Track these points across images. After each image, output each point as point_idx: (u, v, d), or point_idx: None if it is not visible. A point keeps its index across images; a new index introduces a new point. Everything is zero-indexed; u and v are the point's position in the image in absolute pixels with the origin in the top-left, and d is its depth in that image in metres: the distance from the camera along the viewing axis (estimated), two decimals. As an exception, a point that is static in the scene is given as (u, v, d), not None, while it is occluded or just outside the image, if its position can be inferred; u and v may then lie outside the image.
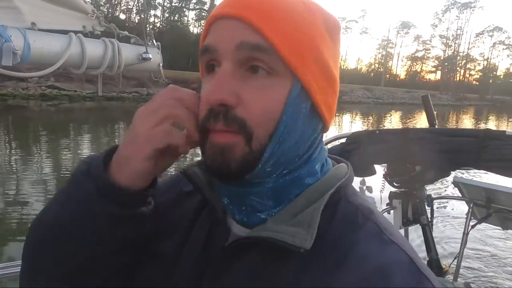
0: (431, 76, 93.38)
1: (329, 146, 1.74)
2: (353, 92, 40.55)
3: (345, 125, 20.63)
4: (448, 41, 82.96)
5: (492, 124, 30.07)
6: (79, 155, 8.69)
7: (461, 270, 2.20)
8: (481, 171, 1.50)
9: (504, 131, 1.33)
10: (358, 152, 1.61)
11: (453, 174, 2.13)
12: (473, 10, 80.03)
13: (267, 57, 0.46)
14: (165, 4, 49.28)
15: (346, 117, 25.66)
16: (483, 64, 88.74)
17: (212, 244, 0.53)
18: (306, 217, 0.47)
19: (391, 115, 31.85)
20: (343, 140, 1.72)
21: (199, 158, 0.56)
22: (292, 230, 0.46)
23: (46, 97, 18.27)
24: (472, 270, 3.89)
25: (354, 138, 1.65)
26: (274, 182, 0.50)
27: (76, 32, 1.32)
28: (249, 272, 0.48)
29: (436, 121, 1.88)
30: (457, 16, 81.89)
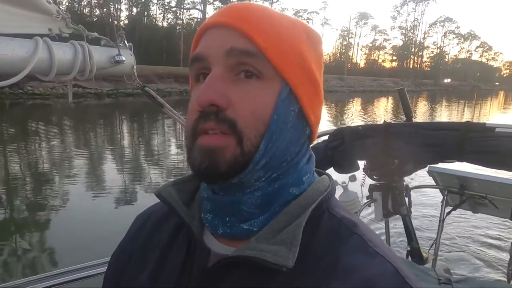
0: (388, 65, 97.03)
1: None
2: (327, 82, 43.26)
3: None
4: (406, 32, 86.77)
5: (449, 107, 32.62)
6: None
7: (440, 257, 2.28)
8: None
9: (484, 123, 1.36)
10: (342, 148, 1.61)
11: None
12: (427, 2, 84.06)
13: (256, 62, 0.48)
14: (131, -1, 48.12)
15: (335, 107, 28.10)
16: (436, 52, 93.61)
17: (192, 266, 0.52)
18: (288, 235, 0.47)
19: (373, 102, 36.90)
20: (326, 137, 1.71)
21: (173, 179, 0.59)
22: (274, 248, 0.45)
23: (75, 95, 20.02)
24: (449, 253, 4.09)
25: (337, 135, 1.65)
26: (263, 189, 0.50)
27: (41, 36, 1.21)
28: None
29: (413, 114, 1.92)
30: (413, 8, 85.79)
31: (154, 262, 0.56)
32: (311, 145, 0.57)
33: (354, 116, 21.98)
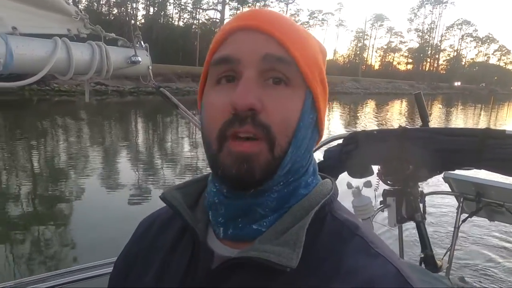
0: (403, 67, 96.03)
1: (325, 147, 1.71)
2: (343, 84, 42.94)
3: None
4: (422, 34, 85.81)
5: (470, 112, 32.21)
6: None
7: (453, 264, 2.24)
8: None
9: (504, 130, 1.33)
10: (356, 152, 1.60)
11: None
12: (445, 5, 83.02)
13: (287, 69, 0.49)
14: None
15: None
16: (452, 55, 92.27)
17: (196, 268, 0.53)
18: (291, 236, 0.47)
19: (388, 104, 36.98)
20: (340, 141, 1.69)
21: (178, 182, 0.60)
22: (278, 249, 0.46)
23: (99, 93, 21.35)
24: (464, 261, 4.01)
25: (351, 139, 1.63)
26: (279, 192, 0.51)
27: (60, 36, 1.23)
28: None
29: (429, 118, 1.88)
30: (430, 11, 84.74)
31: (159, 264, 0.57)
32: (325, 149, 0.61)
33: (369, 119, 21.81)
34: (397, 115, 26.98)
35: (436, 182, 2.69)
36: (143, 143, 11.91)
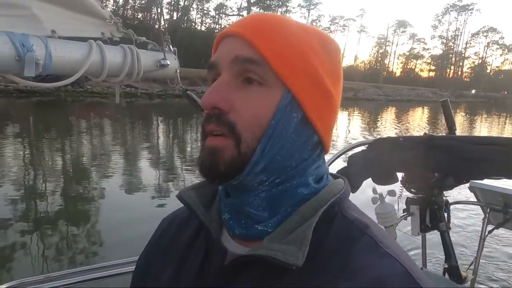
0: (425, 74, 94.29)
1: (351, 153, 1.71)
2: (365, 90, 42.66)
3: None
4: (447, 41, 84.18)
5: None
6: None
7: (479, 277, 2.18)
8: None
9: (536, 140, 1.30)
10: (381, 159, 1.58)
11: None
12: (470, 12, 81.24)
13: (259, 69, 0.50)
14: (172, 2, 49.88)
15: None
16: (477, 62, 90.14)
17: (210, 265, 0.54)
18: (299, 235, 0.48)
19: (412, 110, 36.99)
20: (365, 147, 1.69)
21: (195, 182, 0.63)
22: (285, 247, 0.47)
23: (128, 95, 21.80)
24: (489, 274, 3.89)
25: (376, 145, 1.62)
26: (267, 192, 0.52)
27: (94, 39, 1.28)
28: None
29: (455, 126, 1.85)
30: (455, 17, 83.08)
31: (177, 261, 0.59)
32: (349, 155, 0.60)
33: (394, 126, 21.56)
34: (424, 122, 26.54)
35: (460, 191, 2.63)
36: (174, 144, 12.49)
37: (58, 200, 6.01)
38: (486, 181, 2.03)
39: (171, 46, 1.60)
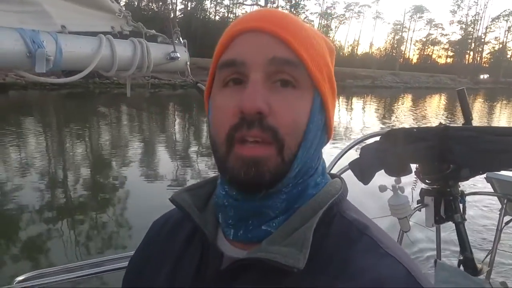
0: (442, 60, 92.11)
1: (363, 144, 1.68)
2: (382, 78, 41.93)
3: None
4: (466, 26, 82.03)
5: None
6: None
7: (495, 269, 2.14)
8: None
9: (557, 130, 1.25)
10: (394, 150, 1.56)
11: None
12: (491, -5, 78.99)
13: (295, 71, 0.48)
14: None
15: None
16: (498, 48, 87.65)
17: (205, 269, 0.54)
18: (299, 237, 0.47)
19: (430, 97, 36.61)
20: (377, 138, 1.66)
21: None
22: (285, 250, 0.46)
23: (152, 85, 23.48)
24: (506, 266, 3.82)
25: (389, 136, 1.59)
26: (288, 193, 0.51)
27: (104, 33, 1.28)
28: None
29: (472, 116, 1.80)
30: (475, 2, 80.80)
31: (170, 265, 0.58)
32: (361, 146, 0.60)
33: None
34: (441, 109, 26.10)
35: (475, 181, 2.57)
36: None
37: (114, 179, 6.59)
38: (503, 172, 1.98)
39: (181, 39, 1.60)
